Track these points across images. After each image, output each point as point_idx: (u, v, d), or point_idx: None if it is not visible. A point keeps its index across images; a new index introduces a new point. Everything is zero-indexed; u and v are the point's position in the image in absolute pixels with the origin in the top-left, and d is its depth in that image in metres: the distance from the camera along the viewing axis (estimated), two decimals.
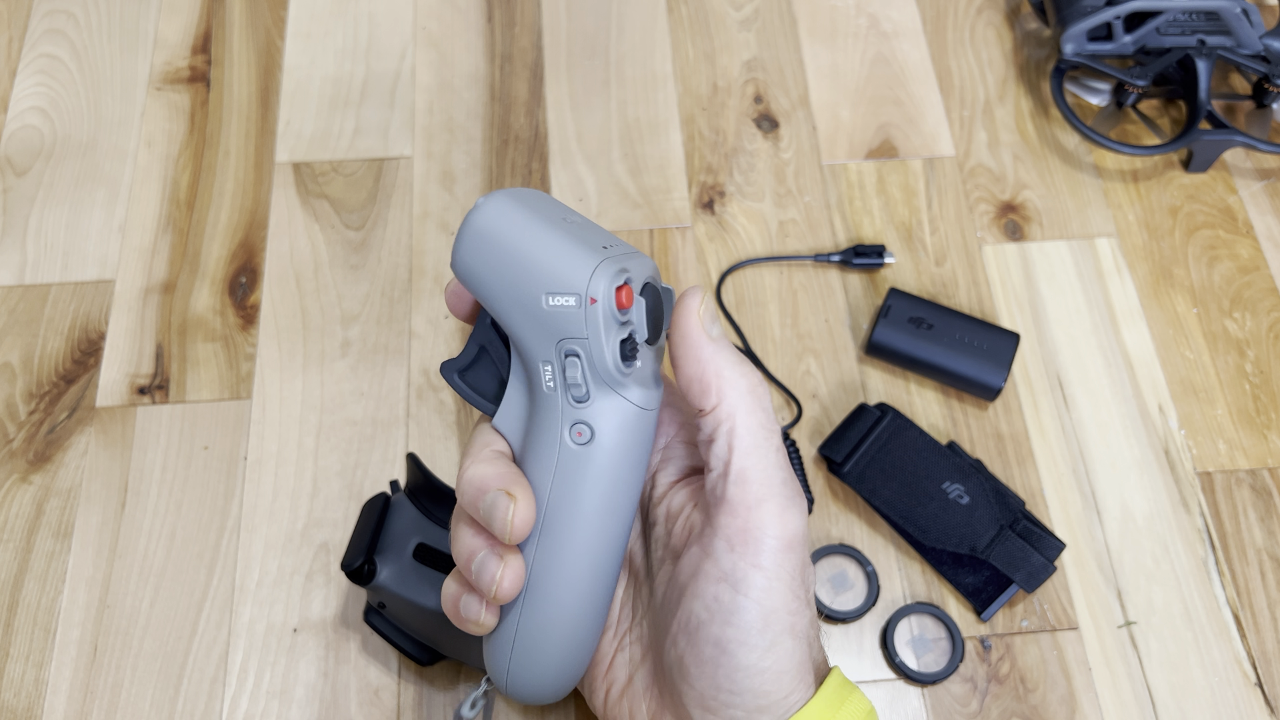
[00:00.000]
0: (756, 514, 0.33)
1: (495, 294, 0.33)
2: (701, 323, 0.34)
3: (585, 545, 0.35)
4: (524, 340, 0.33)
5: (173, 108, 0.72)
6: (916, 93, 0.73)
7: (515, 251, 0.32)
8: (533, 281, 0.32)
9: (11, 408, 0.61)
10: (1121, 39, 0.70)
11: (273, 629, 0.55)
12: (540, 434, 0.34)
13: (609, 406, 0.33)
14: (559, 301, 0.32)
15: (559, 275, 0.32)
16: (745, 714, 0.33)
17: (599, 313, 0.32)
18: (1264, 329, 0.64)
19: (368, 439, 0.60)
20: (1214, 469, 0.60)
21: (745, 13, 0.76)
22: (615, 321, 0.32)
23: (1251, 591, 0.57)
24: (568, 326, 0.32)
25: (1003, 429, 0.61)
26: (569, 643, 0.36)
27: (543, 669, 0.37)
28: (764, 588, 0.33)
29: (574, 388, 0.33)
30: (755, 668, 0.33)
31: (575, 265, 0.32)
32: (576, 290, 0.32)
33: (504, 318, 0.34)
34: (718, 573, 0.33)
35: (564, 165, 0.70)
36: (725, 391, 0.33)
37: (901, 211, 0.68)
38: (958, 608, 0.56)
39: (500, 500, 0.33)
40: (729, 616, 0.33)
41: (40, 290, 0.65)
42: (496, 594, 0.34)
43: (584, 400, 0.33)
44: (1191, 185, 0.70)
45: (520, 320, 0.33)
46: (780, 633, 0.33)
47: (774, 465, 0.34)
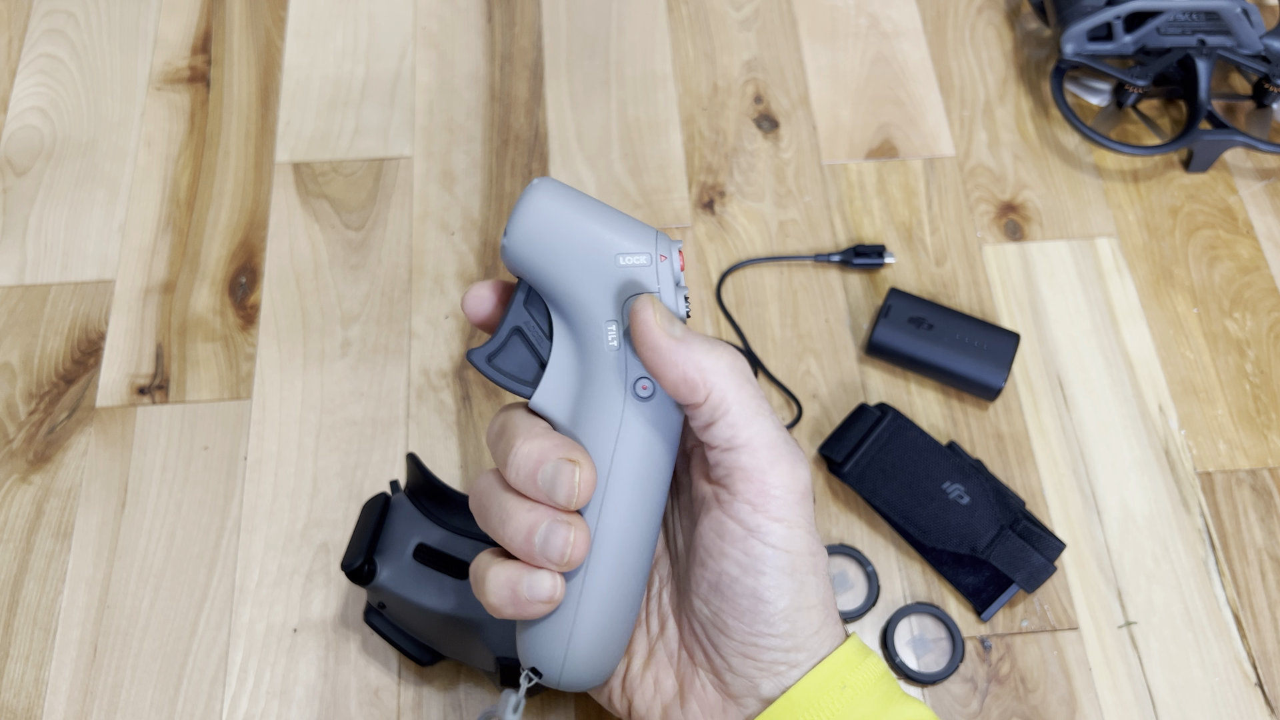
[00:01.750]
0: (771, 475, 0.36)
1: (560, 261, 0.36)
2: (662, 329, 0.35)
3: (651, 501, 0.37)
4: (588, 304, 0.36)
5: (173, 108, 0.72)
6: (917, 93, 0.73)
7: (581, 221, 0.36)
8: (605, 244, 0.35)
9: (11, 408, 0.61)
10: (1122, 39, 0.70)
11: (273, 629, 0.55)
12: (599, 397, 0.36)
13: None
14: (632, 260, 0.35)
15: (631, 237, 0.36)
16: (784, 653, 0.37)
17: (669, 268, 0.36)
18: (1264, 329, 0.64)
19: (368, 439, 0.60)
20: (1214, 469, 0.60)
21: (745, 12, 0.76)
22: (678, 278, 0.36)
23: (1252, 591, 0.57)
24: (640, 282, 0.36)
25: (1003, 429, 0.61)
26: (628, 607, 0.38)
27: (605, 643, 0.37)
28: (786, 536, 0.36)
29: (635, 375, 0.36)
30: (790, 607, 0.36)
31: (641, 231, 0.36)
32: (648, 250, 0.36)
33: (567, 284, 0.36)
34: (743, 531, 0.36)
35: (564, 165, 0.70)
36: (711, 381, 0.36)
37: (901, 211, 0.68)
38: (958, 608, 0.56)
39: (564, 467, 0.35)
40: (761, 566, 0.36)
41: (40, 290, 0.65)
42: (571, 557, 0.35)
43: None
44: (1192, 185, 0.70)
45: (588, 283, 0.36)
46: (806, 573, 0.37)
47: (773, 428, 0.37)
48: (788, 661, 0.37)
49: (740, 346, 0.63)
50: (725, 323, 0.64)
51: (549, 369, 0.37)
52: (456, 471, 0.59)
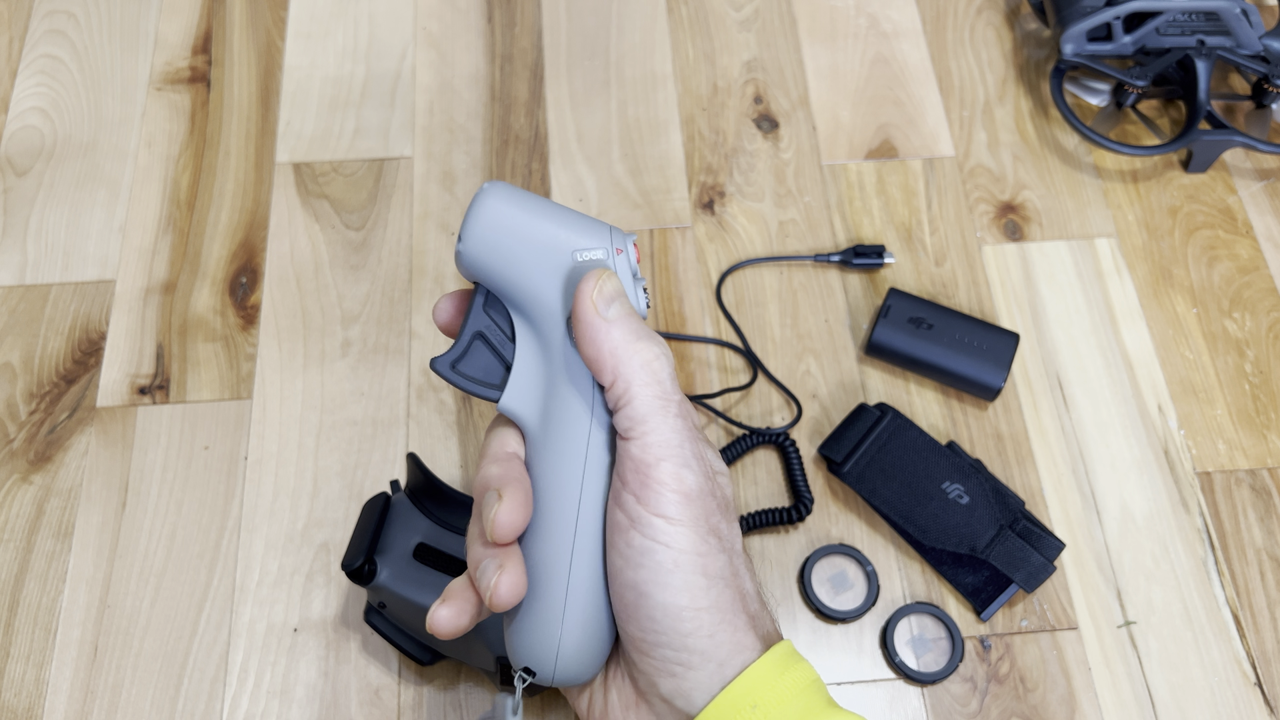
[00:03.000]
0: (656, 471, 0.36)
1: (516, 262, 0.36)
2: (595, 306, 0.36)
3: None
4: (548, 301, 0.36)
5: (173, 108, 0.72)
6: (916, 93, 0.73)
7: (534, 221, 0.36)
8: (560, 241, 0.36)
9: (12, 408, 0.61)
10: (1121, 39, 0.70)
11: (273, 629, 0.55)
12: (567, 396, 0.37)
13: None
14: (589, 255, 0.36)
15: (586, 233, 0.36)
16: (674, 653, 0.36)
17: (626, 261, 0.37)
18: (1263, 329, 0.64)
19: (368, 439, 0.60)
20: (1213, 469, 0.60)
21: (745, 13, 0.76)
22: (634, 271, 0.37)
23: (1251, 591, 0.57)
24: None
25: (1002, 429, 0.61)
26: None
27: (594, 637, 0.37)
28: (669, 532, 0.36)
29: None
30: (672, 605, 0.35)
31: (595, 226, 0.37)
32: (604, 244, 0.36)
33: (525, 284, 0.36)
34: (627, 522, 0.36)
35: (564, 165, 0.70)
36: (619, 369, 0.36)
37: (901, 212, 0.68)
38: (957, 607, 0.56)
39: (488, 500, 0.36)
40: (641, 559, 0.36)
41: (41, 290, 0.65)
42: (493, 599, 0.36)
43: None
44: (1191, 185, 0.70)
45: (546, 281, 0.36)
46: (692, 572, 0.36)
47: (671, 430, 0.36)
48: (680, 662, 0.36)
49: (740, 347, 0.63)
50: (725, 323, 0.64)
51: (514, 371, 0.37)
52: (457, 471, 0.60)
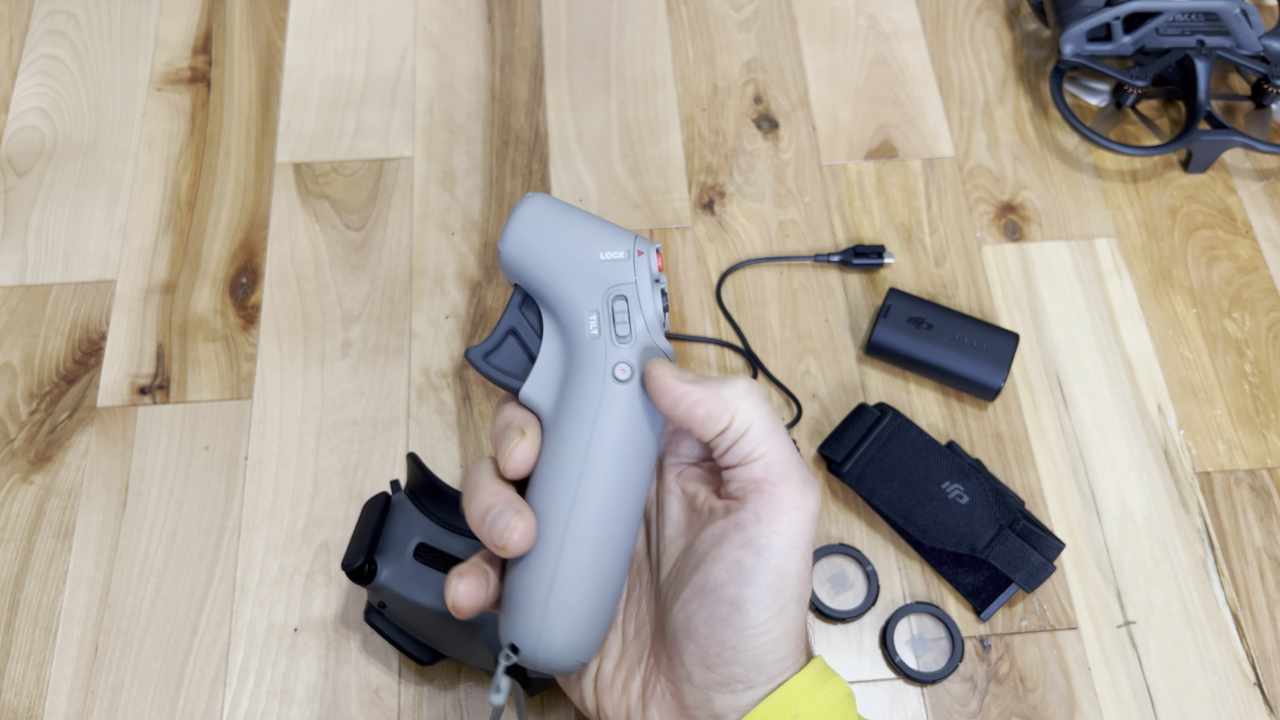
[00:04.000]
0: (781, 489, 0.36)
1: (547, 262, 0.39)
2: (675, 378, 0.37)
3: (630, 481, 0.38)
4: (572, 297, 0.39)
5: (173, 108, 0.72)
6: (916, 93, 0.73)
7: (568, 225, 0.39)
8: (588, 243, 0.39)
9: (12, 408, 0.61)
10: (1121, 39, 0.70)
11: (273, 629, 0.55)
12: (581, 383, 0.38)
13: (647, 345, 0.38)
14: (611, 255, 0.38)
15: (610, 238, 0.39)
16: (744, 671, 0.36)
17: (646, 263, 0.38)
18: (1263, 329, 0.64)
19: (368, 439, 0.60)
20: (1213, 469, 0.60)
21: (745, 13, 0.77)
22: (655, 275, 0.39)
23: (1251, 591, 0.57)
24: (618, 276, 0.38)
25: (1002, 429, 0.61)
26: (605, 588, 0.38)
27: (580, 621, 0.37)
28: (782, 553, 0.36)
29: (620, 326, 0.38)
30: (763, 627, 0.36)
31: (621, 232, 0.39)
32: (626, 247, 0.38)
33: (554, 282, 0.39)
34: (742, 539, 0.36)
35: (564, 166, 0.70)
36: (731, 405, 0.37)
37: (901, 212, 0.68)
38: (957, 607, 0.56)
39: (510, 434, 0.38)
40: (748, 578, 0.36)
41: (41, 290, 0.65)
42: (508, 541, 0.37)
43: (627, 339, 0.38)
44: (1191, 186, 0.70)
45: (572, 278, 0.39)
46: (790, 599, 0.36)
47: (789, 449, 0.38)
48: (745, 681, 0.37)
49: (740, 347, 0.63)
50: (725, 323, 0.64)
51: (537, 362, 0.39)
52: (457, 471, 0.60)
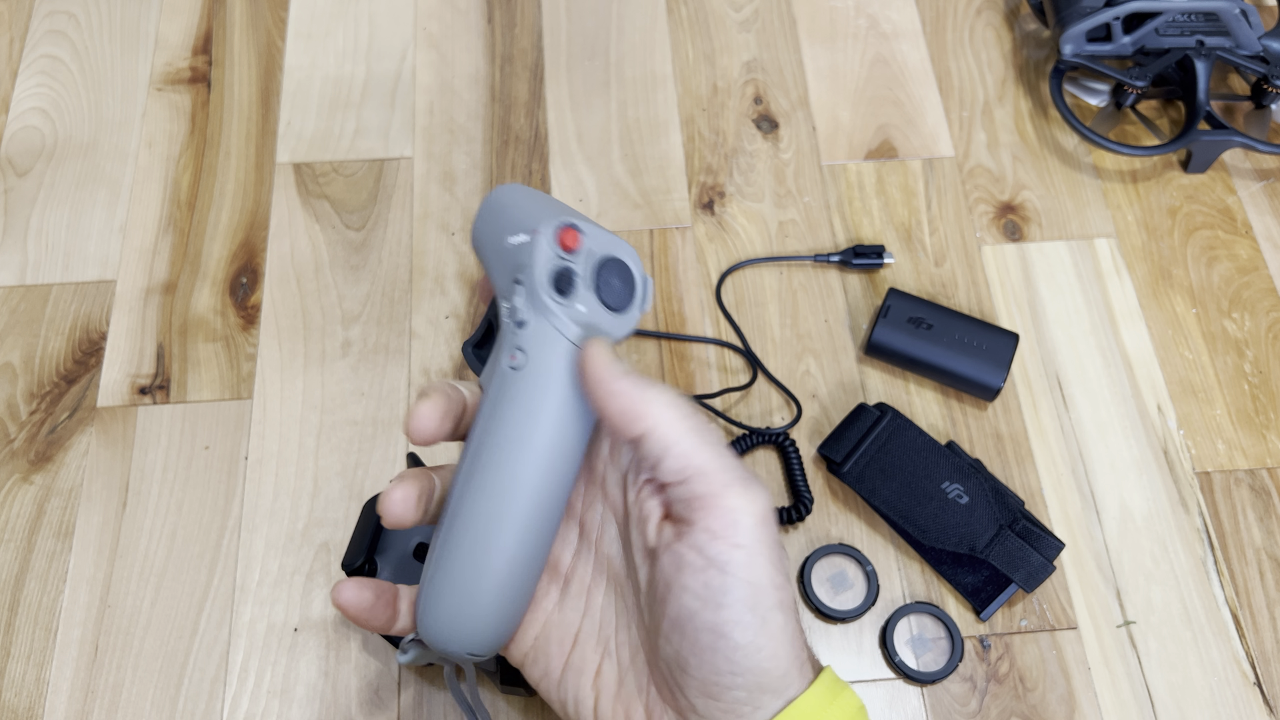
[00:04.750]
0: (725, 498, 0.35)
1: (484, 249, 0.39)
2: (606, 365, 0.36)
3: (509, 473, 0.36)
4: (496, 283, 0.38)
5: (174, 108, 0.72)
6: (916, 93, 0.73)
7: (503, 213, 0.39)
8: (502, 228, 0.38)
9: (13, 408, 0.61)
10: (1120, 40, 0.70)
11: (273, 628, 0.55)
12: (494, 371, 0.37)
13: (543, 332, 0.36)
14: (515, 240, 0.37)
15: (522, 220, 0.37)
16: (748, 694, 0.35)
17: (539, 243, 0.36)
18: (1263, 329, 0.64)
19: (368, 439, 0.60)
20: (1213, 469, 0.60)
21: (745, 13, 0.77)
22: (553, 253, 0.36)
23: (1250, 591, 0.57)
24: (519, 259, 0.37)
25: (1002, 429, 0.61)
26: (484, 580, 0.36)
27: (450, 608, 0.37)
28: (747, 563, 0.34)
29: (515, 312, 0.36)
30: (752, 645, 0.34)
31: (538, 215, 0.37)
32: (529, 229, 0.37)
33: (487, 268, 0.39)
34: (702, 561, 0.34)
35: (564, 166, 0.70)
36: (651, 412, 0.35)
37: (901, 212, 0.68)
38: (957, 607, 0.56)
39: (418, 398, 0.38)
40: (720, 599, 0.34)
41: (41, 290, 0.65)
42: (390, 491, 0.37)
43: (522, 325, 0.36)
44: (1190, 186, 0.70)
45: (492, 263, 0.38)
46: (770, 608, 0.34)
47: (723, 456, 0.35)
48: (751, 703, 0.35)
49: (740, 347, 0.64)
50: (725, 323, 0.64)
51: (491, 351, 0.38)
52: None
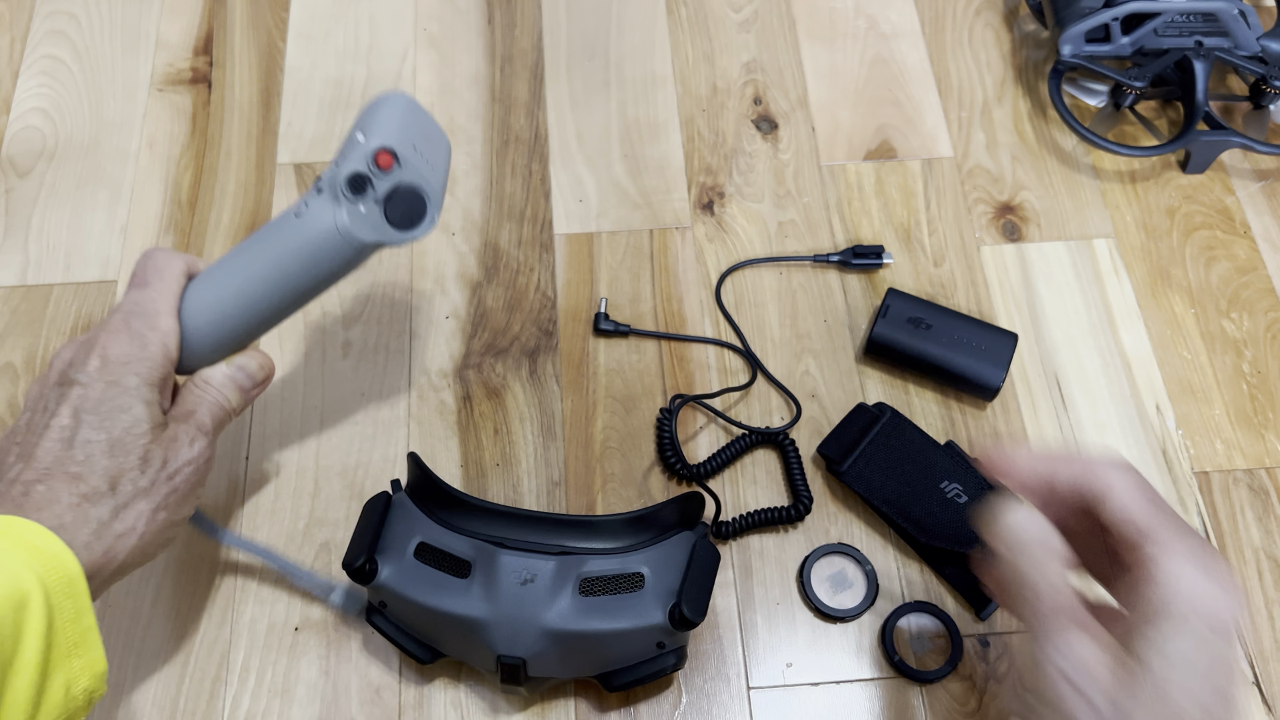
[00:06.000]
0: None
1: (354, 125, 0.50)
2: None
3: (257, 259, 0.49)
4: (337, 153, 0.49)
5: (174, 109, 0.72)
6: (915, 94, 0.73)
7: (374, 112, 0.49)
8: (363, 122, 0.49)
9: (14, 407, 0.61)
10: (1119, 40, 0.70)
11: (274, 627, 0.55)
12: (288, 207, 0.49)
13: (322, 206, 0.48)
14: (357, 135, 0.48)
15: (375, 127, 0.48)
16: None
17: (358, 149, 0.47)
18: (1261, 329, 0.65)
19: (369, 439, 0.61)
20: (1211, 469, 0.60)
21: (744, 14, 0.77)
22: (363, 159, 0.47)
23: (1249, 591, 0.57)
24: (346, 149, 0.48)
25: (1001, 428, 0.61)
26: (222, 305, 0.49)
27: (197, 322, 0.49)
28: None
29: (320, 180, 0.48)
30: None
31: (387, 131, 0.48)
32: (368, 135, 0.47)
33: (345, 139, 0.49)
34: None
35: (564, 166, 0.70)
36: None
37: (900, 212, 0.68)
38: (956, 606, 0.56)
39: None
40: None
41: (43, 291, 0.65)
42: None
43: (319, 193, 0.48)
44: (1189, 186, 0.70)
45: (345, 140, 0.49)
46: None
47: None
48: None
49: (740, 347, 0.64)
50: (724, 323, 0.64)
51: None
52: (457, 471, 0.60)
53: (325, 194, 0.48)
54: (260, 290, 0.49)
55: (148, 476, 0.45)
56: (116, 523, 0.44)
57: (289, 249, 0.48)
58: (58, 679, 0.40)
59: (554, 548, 0.49)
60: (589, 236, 0.67)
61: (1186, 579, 0.37)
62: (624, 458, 0.60)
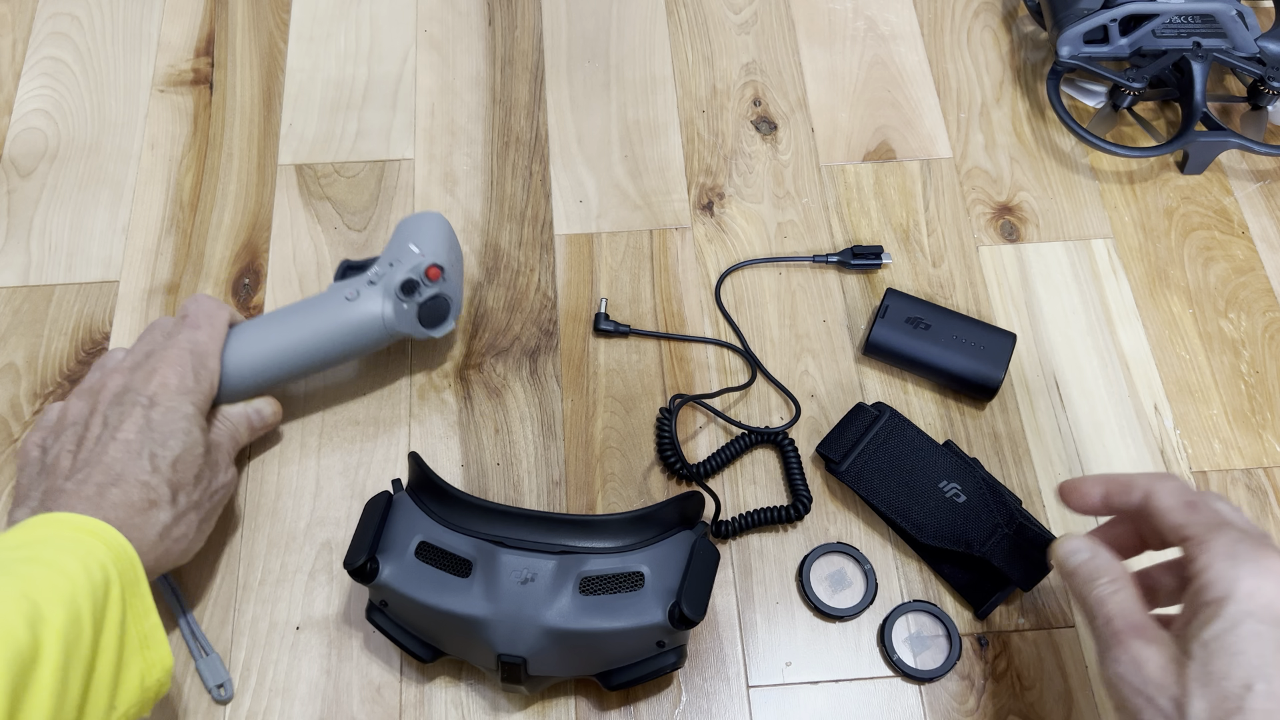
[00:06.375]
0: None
1: (402, 231, 0.60)
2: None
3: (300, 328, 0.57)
4: (386, 251, 0.59)
5: (176, 110, 0.73)
6: (914, 95, 0.74)
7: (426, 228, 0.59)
8: (417, 233, 0.59)
9: (16, 407, 0.62)
10: (1117, 41, 0.70)
11: (275, 627, 0.56)
12: (338, 288, 0.58)
13: (373, 297, 0.57)
14: (413, 247, 0.58)
15: (428, 244, 0.58)
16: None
17: (416, 261, 0.57)
18: (1259, 329, 0.65)
19: (370, 438, 0.61)
20: (1209, 468, 0.60)
21: (744, 16, 0.77)
22: (418, 271, 0.57)
23: None
24: (403, 257, 0.58)
25: (999, 428, 0.61)
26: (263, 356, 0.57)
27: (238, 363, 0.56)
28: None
29: (375, 275, 0.57)
30: None
31: (437, 249, 0.58)
32: (423, 250, 0.58)
33: (392, 241, 0.60)
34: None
35: (564, 167, 0.70)
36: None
37: (899, 213, 0.69)
38: (955, 606, 0.56)
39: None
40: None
41: (45, 291, 0.65)
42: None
43: (371, 284, 0.57)
44: (1187, 187, 0.70)
45: (396, 242, 0.59)
46: None
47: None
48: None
49: (739, 347, 0.64)
50: (724, 323, 0.65)
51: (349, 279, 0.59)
52: (458, 470, 0.60)
53: (378, 287, 0.56)
54: (297, 350, 0.57)
55: (199, 491, 0.51)
56: (174, 529, 0.50)
57: (334, 324, 0.56)
58: (133, 668, 0.44)
59: (554, 547, 0.50)
60: (589, 237, 0.67)
61: (1218, 570, 0.41)
62: (624, 457, 0.60)
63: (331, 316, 0.57)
